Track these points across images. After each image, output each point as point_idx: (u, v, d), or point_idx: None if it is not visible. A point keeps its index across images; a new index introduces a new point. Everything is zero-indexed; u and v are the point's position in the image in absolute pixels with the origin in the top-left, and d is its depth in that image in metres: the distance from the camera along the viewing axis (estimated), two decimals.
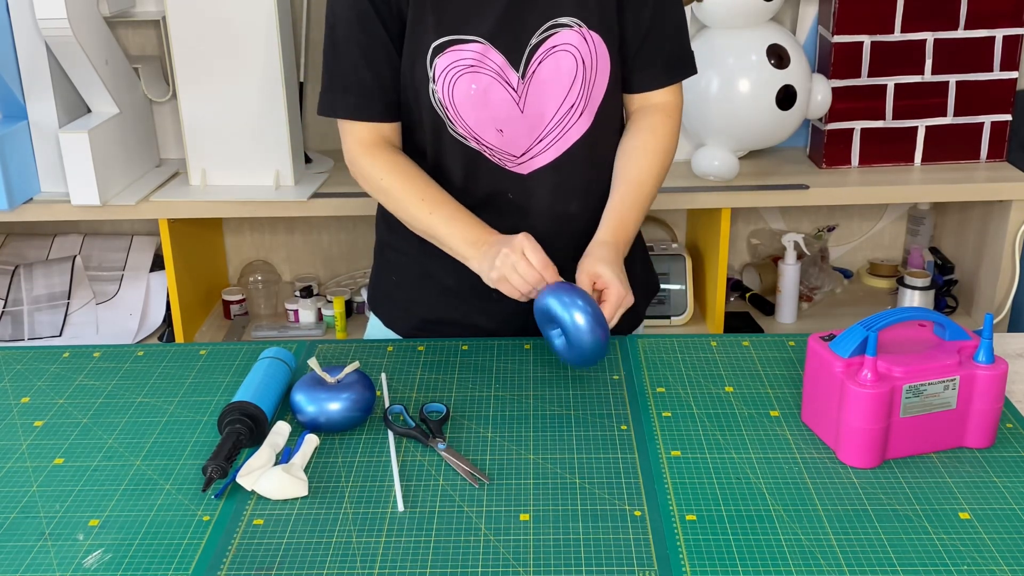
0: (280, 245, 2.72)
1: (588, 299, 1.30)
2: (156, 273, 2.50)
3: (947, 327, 1.20)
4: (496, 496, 1.13)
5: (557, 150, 1.44)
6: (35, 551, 1.06)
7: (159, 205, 2.29)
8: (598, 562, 1.02)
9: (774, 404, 1.30)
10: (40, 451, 1.24)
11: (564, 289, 1.31)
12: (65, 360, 1.46)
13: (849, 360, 1.16)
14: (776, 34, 2.32)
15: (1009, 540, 1.04)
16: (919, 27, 2.34)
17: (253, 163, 2.31)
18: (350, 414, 1.24)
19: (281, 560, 1.04)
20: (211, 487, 1.14)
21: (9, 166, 2.22)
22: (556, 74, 1.40)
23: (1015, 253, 2.34)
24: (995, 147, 2.43)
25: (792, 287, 2.51)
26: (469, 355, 1.44)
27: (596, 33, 1.39)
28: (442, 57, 1.38)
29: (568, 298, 1.30)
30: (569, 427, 1.26)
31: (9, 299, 2.45)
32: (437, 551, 1.04)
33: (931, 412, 1.16)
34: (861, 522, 1.07)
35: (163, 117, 2.53)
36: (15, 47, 2.19)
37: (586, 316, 1.28)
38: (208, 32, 2.20)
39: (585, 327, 1.28)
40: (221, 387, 1.37)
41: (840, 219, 2.72)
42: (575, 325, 1.29)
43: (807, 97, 2.34)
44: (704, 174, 2.34)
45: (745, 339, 1.47)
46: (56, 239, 2.60)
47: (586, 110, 1.43)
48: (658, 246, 2.53)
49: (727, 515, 1.09)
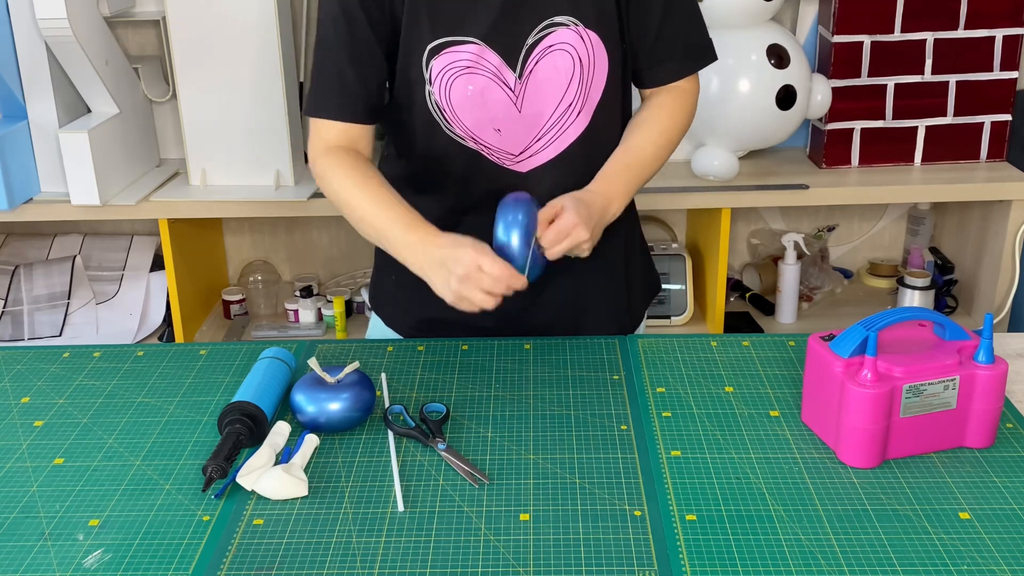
0: (280, 245, 2.72)
1: (529, 219, 1.31)
2: (156, 273, 2.50)
3: (947, 327, 1.20)
4: (496, 496, 1.13)
5: (555, 149, 1.44)
6: (35, 551, 1.06)
7: (159, 205, 2.29)
8: (598, 562, 1.02)
9: (774, 404, 1.30)
10: (40, 451, 1.24)
11: (516, 206, 1.33)
12: (65, 360, 1.46)
13: (849, 360, 1.16)
14: (776, 34, 2.32)
15: (1009, 540, 1.04)
16: (919, 27, 2.34)
17: (253, 163, 2.31)
18: (350, 414, 1.24)
19: (281, 560, 1.04)
20: (211, 487, 1.14)
21: (9, 166, 2.22)
22: (553, 73, 1.40)
23: (1015, 253, 2.34)
24: (995, 147, 2.43)
25: (792, 287, 2.51)
26: (469, 355, 1.44)
27: (593, 32, 1.39)
28: (438, 59, 1.38)
29: (512, 216, 1.32)
30: (569, 427, 1.26)
31: (9, 299, 2.45)
32: (437, 551, 1.04)
33: (931, 412, 1.16)
34: (861, 522, 1.07)
35: (163, 117, 2.53)
36: (15, 47, 2.19)
37: (519, 233, 1.31)
38: (208, 32, 2.20)
39: (514, 246, 1.31)
40: (221, 387, 1.37)
41: (840, 219, 2.72)
42: (507, 241, 1.31)
43: (807, 97, 2.34)
44: (704, 174, 2.34)
45: (745, 339, 1.47)
46: (56, 239, 2.60)
47: (584, 109, 1.43)
48: (658, 246, 2.53)
49: (727, 515, 1.09)
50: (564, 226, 1.32)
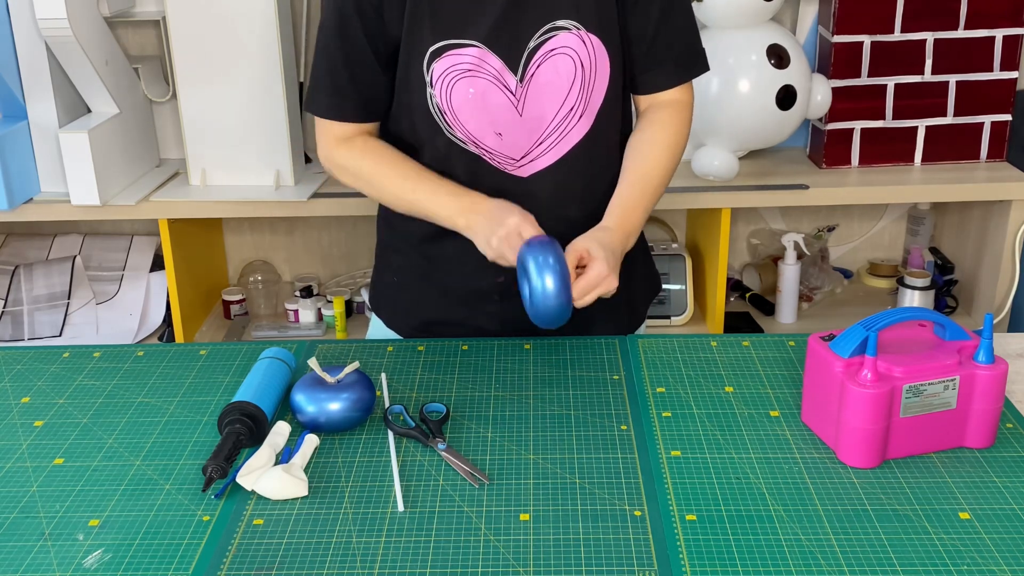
0: (280, 245, 2.72)
1: (562, 265, 1.29)
2: (156, 273, 2.50)
3: (947, 327, 1.20)
4: (496, 496, 1.13)
5: (557, 153, 1.44)
6: (35, 551, 1.06)
7: (159, 205, 2.29)
8: (598, 562, 1.02)
9: (774, 404, 1.30)
10: (40, 451, 1.24)
11: (544, 249, 1.30)
12: (65, 360, 1.46)
13: (849, 360, 1.16)
14: (776, 34, 2.32)
15: (1009, 540, 1.04)
16: (919, 27, 2.34)
17: (253, 163, 2.31)
18: (350, 414, 1.24)
19: (281, 560, 1.04)
20: (211, 487, 1.15)
21: (9, 166, 2.22)
22: (555, 77, 1.40)
23: (1015, 253, 2.34)
24: (995, 147, 2.43)
25: (792, 287, 2.51)
26: (469, 355, 1.44)
27: (595, 35, 1.39)
28: (439, 62, 1.38)
29: (543, 258, 1.29)
30: (569, 427, 1.26)
31: (9, 299, 2.45)
32: (437, 551, 1.04)
33: (931, 412, 1.16)
34: (861, 522, 1.07)
35: (163, 117, 2.53)
36: (15, 47, 2.19)
37: (553, 279, 1.27)
38: (208, 32, 2.20)
39: (550, 291, 1.27)
40: (221, 387, 1.37)
41: (840, 219, 2.72)
42: (542, 286, 1.28)
43: (807, 97, 2.34)
44: (704, 174, 2.34)
45: (745, 339, 1.47)
46: (56, 239, 2.60)
47: (586, 113, 1.43)
48: (658, 246, 2.53)
49: (727, 515, 1.09)
50: (595, 277, 1.32)
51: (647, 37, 1.44)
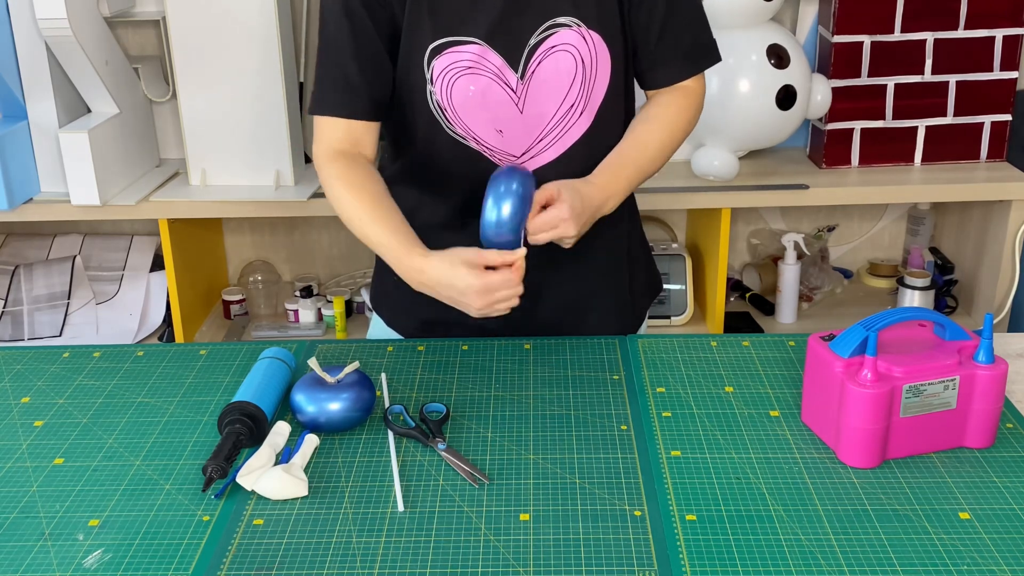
0: (280, 245, 2.72)
1: (521, 195, 1.29)
2: (156, 273, 2.50)
3: (947, 327, 1.20)
4: (496, 496, 1.13)
5: (557, 150, 1.44)
6: (35, 551, 1.06)
7: (159, 205, 2.29)
8: (598, 562, 1.02)
9: (774, 404, 1.30)
10: (40, 451, 1.24)
11: (511, 177, 1.30)
12: (65, 360, 1.46)
13: (849, 360, 1.16)
14: (776, 34, 2.32)
15: (1009, 540, 1.04)
16: (919, 27, 2.34)
17: (253, 163, 2.31)
18: (350, 414, 1.24)
19: (281, 560, 1.04)
20: (211, 487, 1.14)
21: (9, 166, 2.22)
22: (555, 74, 1.40)
23: (1015, 253, 2.34)
24: (995, 147, 2.43)
25: (792, 287, 2.51)
26: (469, 355, 1.44)
27: (595, 32, 1.39)
28: (439, 59, 1.38)
29: (506, 185, 1.29)
30: (569, 427, 1.26)
31: (9, 299, 2.45)
32: (437, 551, 1.04)
33: (931, 412, 1.16)
34: (861, 522, 1.07)
35: (163, 117, 2.53)
36: (15, 47, 2.19)
37: (510, 206, 1.28)
38: (208, 32, 2.20)
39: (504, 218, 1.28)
40: (221, 387, 1.37)
41: (840, 219, 2.72)
42: (497, 213, 1.28)
43: (807, 97, 2.34)
44: (704, 174, 2.34)
45: (745, 339, 1.47)
46: (56, 239, 2.60)
47: (586, 109, 1.43)
48: (658, 246, 2.53)
49: (727, 515, 1.09)
50: (553, 218, 1.32)
51: (653, 34, 1.43)
